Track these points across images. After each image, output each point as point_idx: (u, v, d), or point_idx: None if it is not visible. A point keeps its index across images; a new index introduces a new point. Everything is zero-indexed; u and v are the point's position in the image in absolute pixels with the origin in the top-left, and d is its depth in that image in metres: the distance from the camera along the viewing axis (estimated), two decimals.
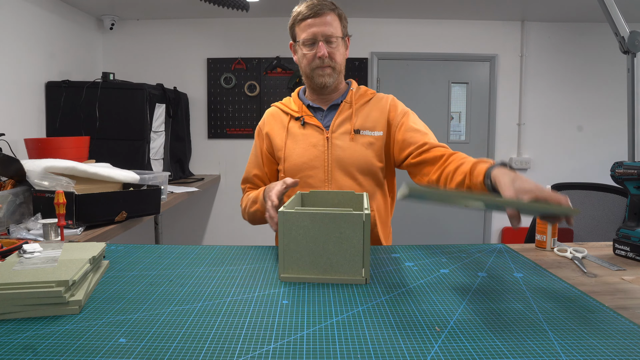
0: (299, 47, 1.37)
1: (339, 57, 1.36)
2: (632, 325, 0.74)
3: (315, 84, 1.39)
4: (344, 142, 1.39)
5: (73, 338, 0.70)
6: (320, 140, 1.40)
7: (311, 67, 1.36)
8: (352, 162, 1.38)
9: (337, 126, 1.41)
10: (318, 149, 1.39)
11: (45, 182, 1.62)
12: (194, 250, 1.20)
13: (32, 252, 0.96)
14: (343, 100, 1.44)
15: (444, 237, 3.82)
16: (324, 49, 1.32)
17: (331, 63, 1.35)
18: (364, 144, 1.39)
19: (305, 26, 1.34)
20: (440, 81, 3.75)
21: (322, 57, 1.33)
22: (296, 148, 1.41)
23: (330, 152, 1.39)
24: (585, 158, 3.79)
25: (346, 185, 1.38)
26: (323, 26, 1.32)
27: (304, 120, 1.42)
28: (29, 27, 2.75)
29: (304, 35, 1.34)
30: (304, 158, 1.39)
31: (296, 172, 1.40)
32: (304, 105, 1.45)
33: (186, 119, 3.61)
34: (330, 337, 0.71)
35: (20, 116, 2.70)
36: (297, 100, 1.47)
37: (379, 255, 1.17)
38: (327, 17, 1.33)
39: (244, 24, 3.67)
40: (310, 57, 1.35)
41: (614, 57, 3.61)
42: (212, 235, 3.82)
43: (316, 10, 1.32)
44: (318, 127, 1.41)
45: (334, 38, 1.34)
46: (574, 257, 1.12)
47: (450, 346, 0.67)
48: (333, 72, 1.37)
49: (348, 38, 1.42)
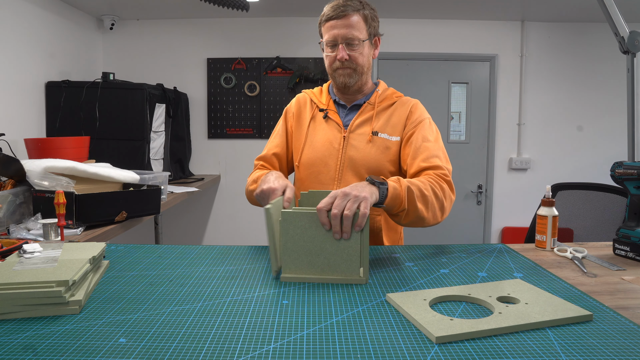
0: (323, 46, 1.38)
1: (361, 59, 1.35)
2: (632, 325, 0.74)
3: (336, 83, 1.40)
4: (360, 143, 1.38)
5: (73, 338, 0.70)
6: (338, 137, 1.40)
7: (332, 68, 1.37)
8: (364, 164, 1.36)
9: (356, 126, 1.40)
10: (334, 146, 1.39)
11: (45, 182, 1.62)
12: (194, 250, 1.20)
13: (32, 252, 0.96)
14: (366, 101, 1.43)
15: (444, 237, 3.82)
16: (343, 52, 1.32)
17: (351, 65, 1.34)
18: (380, 148, 1.37)
19: (328, 27, 1.33)
20: (440, 81, 3.75)
21: (340, 59, 1.33)
22: (314, 141, 1.41)
23: (344, 151, 1.38)
24: (585, 158, 3.79)
25: None
26: (344, 29, 1.31)
27: (327, 114, 1.43)
28: (29, 27, 2.75)
29: (326, 36, 1.34)
30: (318, 153, 1.39)
31: (310, 165, 1.40)
32: (331, 99, 1.46)
33: (186, 119, 3.60)
34: (330, 337, 0.71)
35: (20, 116, 2.70)
36: (327, 93, 1.48)
37: (379, 255, 1.17)
38: (351, 19, 1.31)
39: (244, 24, 3.67)
40: (331, 59, 1.36)
41: (614, 57, 3.61)
42: (212, 235, 3.82)
43: (339, 11, 1.30)
44: (337, 124, 1.41)
45: (356, 41, 1.32)
46: (574, 257, 1.12)
47: (450, 346, 0.67)
48: (354, 73, 1.36)
49: (378, 38, 1.42)
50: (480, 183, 3.82)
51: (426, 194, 1.14)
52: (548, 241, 1.21)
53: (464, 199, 3.84)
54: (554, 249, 1.21)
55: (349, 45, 1.33)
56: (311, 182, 1.41)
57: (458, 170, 3.79)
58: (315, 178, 1.40)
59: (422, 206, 1.13)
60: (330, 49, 1.35)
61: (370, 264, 1.09)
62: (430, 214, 1.16)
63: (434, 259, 1.13)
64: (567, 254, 1.14)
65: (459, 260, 1.12)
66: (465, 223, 3.85)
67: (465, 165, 3.80)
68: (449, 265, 1.08)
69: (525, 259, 1.13)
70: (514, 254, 1.17)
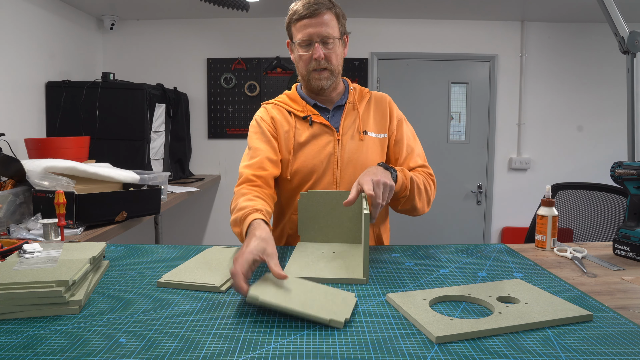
0: (295, 47, 1.33)
1: (335, 58, 1.32)
2: (632, 325, 0.74)
3: (312, 86, 1.35)
4: (354, 143, 1.36)
5: (73, 338, 0.70)
6: (331, 141, 1.35)
7: (307, 69, 1.32)
8: (363, 164, 1.34)
9: (346, 128, 1.37)
10: (328, 150, 1.35)
11: (46, 182, 1.62)
12: (194, 250, 1.20)
13: (32, 252, 0.96)
14: (346, 100, 1.41)
15: (444, 237, 3.82)
16: (320, 51, 1.28)
17: (327, 65, 1.31)
18: (372, 146, 1.37)
19: (301, 26, 1.29)
20: (440, 81, 3.75)
21: (318, 58, 1.29)
22: (305, 150, 1.35)
23: (341, 153, 1.35)
24: (585, 158, 3.79)
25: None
26: (319, 27, 1.27)
27: (312, 119, 1.36)
28: (29, 27, 2.75)
29: (299, 35, 1.30)
30: (315, 160, 1.34)
31: (307, 174, 1.34)
32: (308, 104, 1.39)
33: (186, 119, 3.60)
34: (330, 337, 0.71)
35: (20, 116, 2.70)
36: (299, 99, 1.41)
37: (379, 255, 1.17)
38: (324, 17, 1.28)
39: (244, 24, 3.67)
40: (307, 59, 1.31)
41: (614, 57, 3.60)
42: (212, 235, 3.82)
43: (312, 9, 1.26)
44: (327, 127, 1.36)
45: (331, 39, 1.29)
46: (574, 257, 1.12)
47: (450, 346, 0.67)
48: (330, 76, 1.33)
49: (347, 36, 1.38)
50: (480, 183, 3.82)
51: (421, 187, 1.27)
52: (548, 241, 1.21)
53: (464, 199, 3.84)
54: (553, 249, 1.21)
55: (324, 44, 1.29)
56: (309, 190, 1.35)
57: (458, 170, 3.80)
58: (313, 185, 1.35)
59: (417, 196, 1.25)
60: (305, 49, 1.30)
61: (370, 264, 1.09)
62: (421, 205, 1.28)
63: (434, 259, 1.13)
64: (567, 254, 1.14)
65: (459, 260, 1.12)
66: (465, 223, 3.85)
67: (465, 165, 3.80)
68: (449, 265, 1.08)
69: (525, 259, 1.13)
70: (513, 254, 1.17)
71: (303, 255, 1.12)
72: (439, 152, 3.74)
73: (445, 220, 3.81)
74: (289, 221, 1.38)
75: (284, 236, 1.41)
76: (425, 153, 1.45)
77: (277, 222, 1.44)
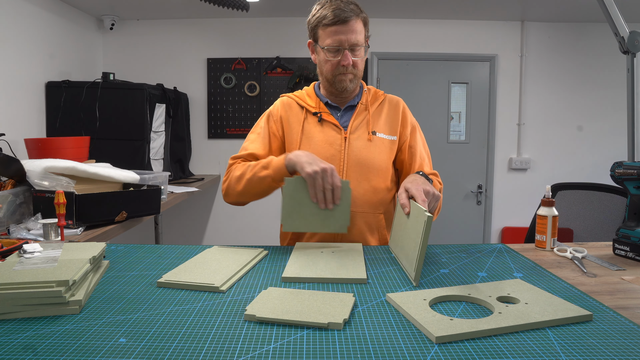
0: (322, 51, 1.34)
1: (361, 64, 1.36)
2: (632, 325, 0.74)
3: (337, 88, 1.38)
4: (362, 142, 1.38)
5: (73, 338, 0.70)
6: (338, 139, 1.38)
7: (334, 73, 1.35)
8: (369, 163, 1.37)
9: (355, 127, 1.39)
10: (335, 147, 1.37)
11: (46, 182, 1.62)
12: (194, 250, 1.20)
13: (32, 252, 0.96)
14: (359, 101, 1.43)
15: (444, 237, 3.82)
16: (349, 58, 1.31)
17: (354, 71, 1.35)
18: (380, 147, 1.39)
19: (330, 32, 1.30)
20: (440, 81, 3.75)
21: (347, 65, 1.32)
22: (311, 144, 1.38)
23: (347, 152, 1.37)
24: (585, 158, 3.79)
25: (360, 187, 1.36)
26: (349, 34, 1.29)
27: (322, 116, 1.40)
28: (29, 27, 2.75)
29: (328, 41, 1.31)
30: (319, 155, 1.33)
31: None
32: (321, 102, 1.43)
33: (186, 119, 3.60)
34: (330, 337, 0.71)
35: (20, 116, 2.70)
36: (314, 95, 1.45)
37: (379, 255, 1.17)
38: (354, 24, 1.30)
39: (244, 24, 3.67)
40: (335, 64, 1.33)
41: (614, 57, 3.60)
42: (212, 235, 3.82)
43: (344, 17, 1.28)
44: (335, 126, 1.39)
45: (359, 46, 1.32)
46: (574, 257, 1.12)
47: (450, 346, 0.67)
48: (354, 79, 1.37)
49: (367, 39, 1.40)
50: (480, 183, 3.82)
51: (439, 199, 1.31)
52: (548, 241, 1.21)
53: (464, 198, 3.84)
54: (553, 249, 1.21)
55: (352, 51, 1.32)
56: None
57: (458, 170, 3.80)
58: None
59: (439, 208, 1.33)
60: (333, 55, 1.33)
61: (370, 264, 1.09)
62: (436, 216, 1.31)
63: (434, 259, 1.13)
64: (567, 254, 1.14)
65: (459, 260, 1.12)
66: (465, 223, 3.85)
67: (465, 165, 3.80)
68: (449, 265, 1.08)
69: (525, 259, 1.13)
70: (513, 254, 1.17)
71: (303, 255, 1.12)
72: (439, 152, 3.74)
73: (445, 220, 3.81)
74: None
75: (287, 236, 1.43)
76: None
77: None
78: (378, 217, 1.38)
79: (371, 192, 1.38)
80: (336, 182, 1.16)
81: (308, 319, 0.74)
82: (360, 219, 1.36)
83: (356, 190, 1.35)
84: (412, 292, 0.87)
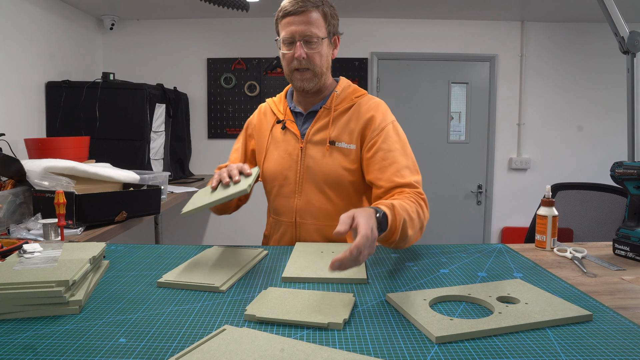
0: (280, 44, 1.29)
1: (318, 59, 1.26)
2: (632, 325, 0.74)
3: (295, 87, 1.33)
4: (317, 153, 1.31)
5: (73, 338, 0.70)
6: (296, 149, 1.33)
7: (290, 68, 1.29)
8: (322, 176, 1.30)
9: (312, 135, 1.32)
10: (292, 158, 1.33)
11: (46, 182, 1.62)
12: (194, 250, 1.20)
13: (32, 252, 0.96)
14: (322, 106, 1.34)
15: (444, 237, 3.82)
16: (301, 50, 1.24)
17: (309, 65, 1.26)
18: (337, 157, 1.29)
19: (285, 23, 1.25)
20: (440, 81, 3.75)
21: (298, 58, 1.24)
22: (274, 154, 1.36)
23: (302, 162, 1.32)
24: (585, 158, 3.79)
25: (315, 199, 1.31)
26: (303, 25, 1.23)
27: (285, 125, 1.36)
28: (29, 27, 2.75)
29: (283, 33, 1.26)
30: (279, 167, 1.34)
31: (271, 179, 1.36)
32: (288, 107, 1.38)
33: (186, 119, 3.60)
34: (330, 337, 0.71)
35: (20, 116, 2.70)
36: (284, 100, 1.41)
37: (379, 255, 1.17)
38: (310, 15, 1.23)
39: (244, 24, 3.67)
40: (289, 58, 1.27)
41: (614, 57, 3.60)
42: (212, 235, 3.82)
43: (298, 7, 1.22)
44: (295, 135, 1.34)
45: (315, 39, 1.24)
46: (574, 257, 1.12)
47: (450, 346, 0.67)
48: (313, 77, 1.28)
49: (338, 37, 1.33)
50: (480, 183, 3.82)
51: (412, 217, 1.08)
52: (548, 241, 1.21)
53: (464, 199, 3.84)
54: (553, 249, 1.21)
55: (307, 43, 1.24)
56: (275, 196, 1.37)
57: (458, 170, 3.80)
58: (277, 191, 1.36)
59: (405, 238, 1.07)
60: (287, 47, 1.27)
61: (370, 263, 1.09)
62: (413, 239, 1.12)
63: (434, 259, 1.13)
64: (567, 254, 1.14)
65: (459, 260, 1.12)
66: (465, 223, 3.85)
67: (465, 165, 3.80)
68: (449, 265, 1.08)
69: (525, 259, 1.13)
70: (513, 254, 1.17)
71: (302, 255, 1.12)
72: (439, 152, 3.74)
73: (445, 220, 3.81)
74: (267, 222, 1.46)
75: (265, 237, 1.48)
76: (425, 153, 1.44)
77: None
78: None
79: (328, 203, 1.31)
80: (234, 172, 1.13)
81: (308, 319, 0.74)
82: (316, 231, 1.32)
83: (312, 203, 1.31)
84: (412, 292, 0.87)
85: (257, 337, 0.68)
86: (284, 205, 1.35)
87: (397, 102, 3.63)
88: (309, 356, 0.62)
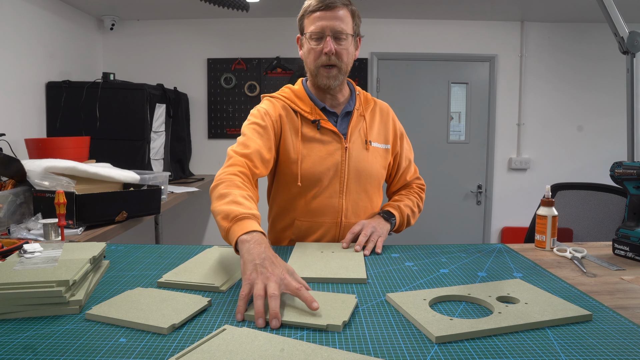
0: (306, 40, 1.28)
1: (346, 56, 1.27)
2: (632, 325, 0.74)
3: (318, 83, 1.31)
4: (360, 153, 1.34)
5: (73, 338, 0.70)
6: (339, 148, 1.32)
7: (316, 64, 1.28)
8: (367, 174, 1.34)
9: (354, 136, 1.34)
10: (335, 158, 1.31)
11: (46, 182, 1.62)
12: (194, 250, 1.20)
13: (33, 252, 0.96)
14: (354, 107, 1.37)
15: (444, 237, 3.82)
16: (331, 45, 1.23)
17: (337, 62, 1.26)
18: (377, 157, 1.37)
19: (314, 19, 1.25)
20: (440, 81, 3.75)
21: (328, 53, 1.24)
22: (311, 154, 1.30)
23: (348, 162, 1.32)
24: (585, 158, 3.79)
25: (360, 198, 1.35)
26: (333, 20, 1.23)
27: (320, 124, 1.31)
28: (29, 27, 2.75)
29: (312, 27, 1.26)
30: (321, 167, 1.30)
31: (313, 181, 1.30)
32: (316, 106, 1.34)
33: (186, 119, 3.60)
34: (330, 337, 0.71)
35: (20, 116, 2.70)
36: (307, 98, 1.35)
37: (379, 255, 1.17)
38: (339, 12, 1.25)
39: (244, 24, 3.67)
40: (317, 53, 1.26)
41: (614, 57, 3.60)
42: (212, 235, 3.82)
43: (328, 2, 1.23)
44: (335, 134, 1.32)
45: (344, 35, 1.25)
46: (574, 257, 1.12)
47: (450, 346, 0.67)
48: (339, 74, 1.29)
49: (359, 38, 1.35)
50: (480, 183, 3.82)
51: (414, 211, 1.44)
52: (548, 241, 1.22)
53: (463, 198, 3.84)
54: (553, 249, 1.21)
55: (336, 39, 1.25)
56: (313, 197, 1.32)
57: (458, 170, 3.80)
58: (317, 192, 1.31)
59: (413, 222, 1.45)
60: (316, 42, 1.26)
61: (370, 264, 1.09)
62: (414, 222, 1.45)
63: (434, 259, 1.13)
64: (567, 254, 1.15)
65: (459, 260, 1.12)
66: (465, 223, 3.85)
67: (465, 165, 3.80)
68: (449, 265, 1.08)
69: (525, 258, 1.13)
70: (513, 254, 1.17)
71: (303, 255, 1.12)
72: (439, 152, 3.74)
73: (445, 220, 3.81)
74: (291, 226, 1.35)
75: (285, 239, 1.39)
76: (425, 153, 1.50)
77: (277, 225, 1.40)
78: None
79: (368, 202, 1.37)
80: (272, 291, 0.78)
81: (307, 320, 0.74)
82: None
83: (356, 202, 1.34)
84: (412, 292, 0.87)
85: (257, 337, 0.68)
86: (326, 205, 1.32)
87: (397, 102, 3.62)
88: (309, 356, 0.62)
